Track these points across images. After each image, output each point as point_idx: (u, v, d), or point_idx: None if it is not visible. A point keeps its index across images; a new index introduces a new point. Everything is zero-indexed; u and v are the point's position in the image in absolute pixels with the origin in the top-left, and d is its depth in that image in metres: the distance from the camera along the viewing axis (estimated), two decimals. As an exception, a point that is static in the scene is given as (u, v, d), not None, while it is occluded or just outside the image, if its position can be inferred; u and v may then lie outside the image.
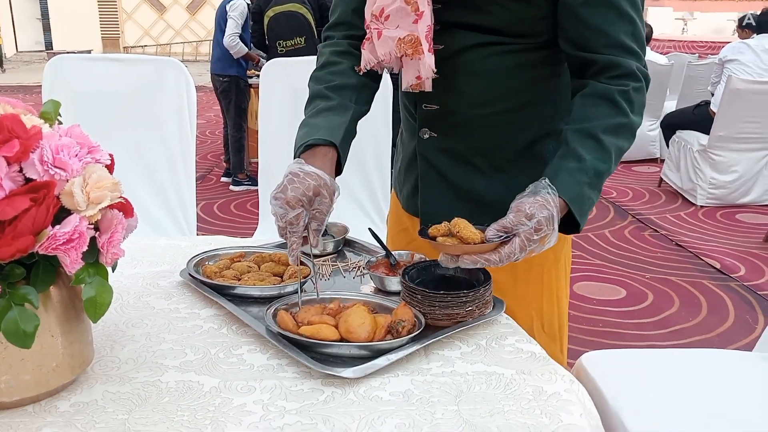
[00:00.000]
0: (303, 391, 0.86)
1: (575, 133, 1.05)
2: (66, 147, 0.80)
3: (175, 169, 2.14)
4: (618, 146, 1.06)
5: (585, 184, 1.02)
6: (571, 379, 0.89)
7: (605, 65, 1.06)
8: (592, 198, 1.04)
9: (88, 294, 0.81)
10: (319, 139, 1.09)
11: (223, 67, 5.03)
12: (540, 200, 0.98)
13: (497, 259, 0.97)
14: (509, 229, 0.97)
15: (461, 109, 1.17)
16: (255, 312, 1.06)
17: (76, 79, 2.06)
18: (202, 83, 5.43)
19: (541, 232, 0.97)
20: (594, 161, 1.03)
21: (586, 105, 1.07)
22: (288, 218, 1.00)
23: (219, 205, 4.84)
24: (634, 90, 1.05)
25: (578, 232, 1.06)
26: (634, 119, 1.07)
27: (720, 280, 3.47)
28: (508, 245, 0.97)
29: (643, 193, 5.18)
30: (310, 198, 1.02)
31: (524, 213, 0.97)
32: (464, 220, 1.01)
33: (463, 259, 0.98)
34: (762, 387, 1.39)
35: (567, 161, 1.04)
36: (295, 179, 1.01)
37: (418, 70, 1.11)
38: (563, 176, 1.03)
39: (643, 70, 1.07)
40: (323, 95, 1.18)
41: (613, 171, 1.07)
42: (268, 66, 2.23)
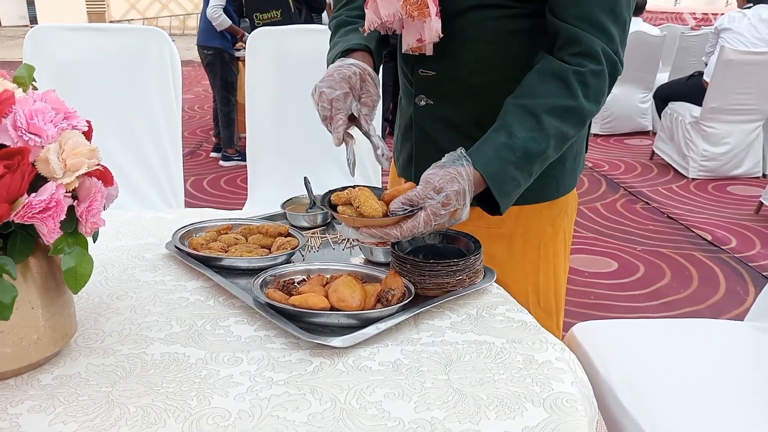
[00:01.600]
0: (291, 361, 0.85)
1: (516, 108, 0.99)
2: (40, 112, 0.77)
3: (161, 143, 2.10)
4: (561, 130, 0.98)
5: (510, 163, 0.96)
6: (563, 348, 0.88)
7: (567, 39, 0.99)
8: (518, 179, 0.98)
9: (68, 264, 0.79)
10: (355, 44, 1.09)
11: (207, 39, 4.94)
12: (452, 172, 0.92)
13: (398, 233, 0.91)
14: (415, 202, 0.91)
15: (458, 75, 1.13)
16: (242, 284, 1.04)
17: (57, 49, 2.01)
18: (190, 57, 5.36)
19: (449, 206, 0.91)
20: (527, 140, 0.96)
21: (536, 81, 1.00)
22: (335, 95, 0.98)
23: (209, 181, 4.80)
24: (592, 73, 0.98)
25: (500, 214, 1.00)
26: (585, 105, 0.99)
27: (711, 252, 3.48)
28: (411, 220, 0.91)
29: (635, 166, 5.17)
30: (357, 82, 1.01)
31: (432, 185, 0.91)
32: (367, 189, 0.95)
33: (363, 231, 0.93)
34: (752, 356, 1.39)
35: (497, 135, 0.98)
36: (340, 67, 1.01)
37: (420, 32, 1.07)
38: (487, 149, 0.97)
39: (609, 54, 0.99)
40: (347, 22, 1.18)
41: (552, 156, 1.00)
42: (255, 36, 2.18)
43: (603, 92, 1.01)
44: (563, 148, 1.03)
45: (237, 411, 0.74)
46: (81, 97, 1.97)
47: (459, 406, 0.75)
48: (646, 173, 4.99)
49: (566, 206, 1.24)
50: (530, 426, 0.72)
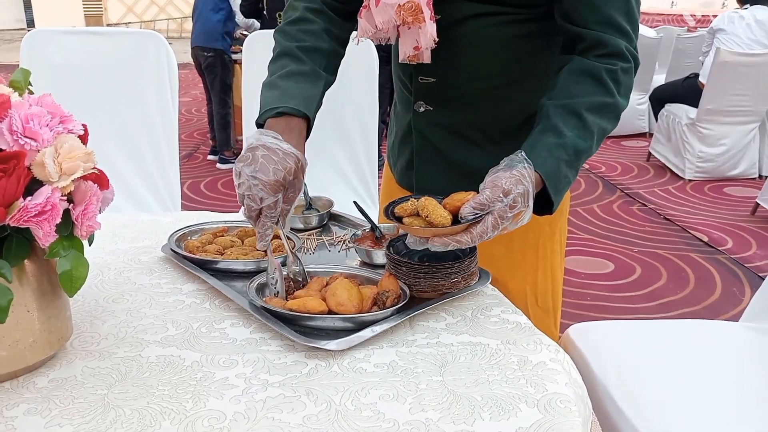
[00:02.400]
0: (286, 364, 0.85)
1: (557, 109, 1.00)
2: (36, 116, 0.77)
3: (158, 146, 2.10)
4: (601, 126, 1.01)
5: (563, 161, 0.98)
6: (557, 349, 0.89)
7: (593, 42, 1.02)
8: (569, 177, 1.00)
9: (64, 267, 0.79)
10: (293, 109, 1.02)
11: (207, 41, 4.93)
12: (516, 174, 0.92)
13: (469, 239, 0.90)
14: (485, 206, 0.90)
15: (459, 82, 1.13)
16: (238, 287, 1.04)
17: (54, 53, 2.01)
18: (187, 60, 5.34)
19: (516, 208, 0.91)
20: (575, 138, 0.98)
21: (571, 81, 1.02)
22: (268, 203, 0.93)
23: (206, 184, 4.80)
24: (623, 71, 1.02)
25: (550, 213, 1.01)
26: (620, 100, 1.03)
27: (707, 253, 3.49)
28: (480, 224, 0.90)
29: (631, 168, 5.18)
30: (290, 182, 0.95)
31: (501, 189, 0.91)
32: (432, 200, 0.94)
33: (433, 241, 0.91)
34: (748, 356, 1.40)
35: (546, 136, 0.99)
36: (275, 158, 0.93)
37: (416, 39, 1.07)
38: (540, 150, 0.98)
39: (632, 51, 1.03)
40: (294, 55, 1.10)
41: (594, 152, 1.03)
42: (252, 38, 2.18)
43: (631, 87, 1.05)
44: (601, 144, 1.05)
45: (232, 413, 0.75)
46: (78, 101, 1.97)
47: (453, 407, 0.76)
48: (643, 175, 5.00)
49: (563, 205, 1.25)
50: (524, 427, 0.72)
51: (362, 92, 2.15)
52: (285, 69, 1.08)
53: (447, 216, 0.91)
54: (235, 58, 5.08)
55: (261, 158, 0.93)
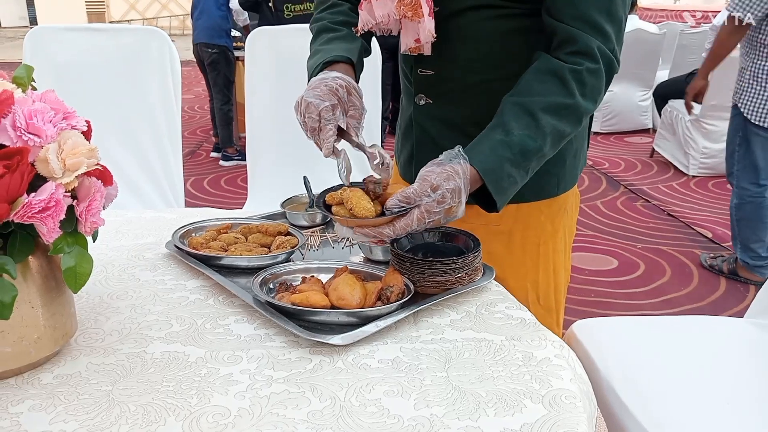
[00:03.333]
0: (290, 359, 0.85)
1: (513, 106, 1.00)
2: (40, 112, 0.77)
3: (161, 143, 2.11)
4: (556, 128, 0.99)
5: (506, 160, 0.96)
6: (561, 345, 0.89)
7: (565, 38, 1.00)
8: (514, 176, 0.98)
9: (68, 264, 0.79)
10: (337, 56, 1.07)
11: (211, 37, 4.93)
12: (448, 170, 0.93)
13: (391, 232, 0.92)
14: (411, 200, 0.91)
15: (456, 75, 1.13)
16: (242, 283, 1.04)
17: (57, 50, 2.02)
18: (190, 57, 5.34)
19: (444, 204, 0.92)
20: (523, 137, 0.97)
21: (534, 79, 1.01)
22: (324, 106, 0.97)
23: (209, 181, 4.80)
24: (588, 71, 0.99)
25: (496, 211, 1.01)
26: (582, 102, 1.00)
27: (711, 249, 3.48)
28: (404, 218, 0.91)
29: (635, 164, 5.17)
30: (344, 95, 1.00)
31: (429, 183, 0.91)
32: (359, 190, 0.95)
33: (356, 231, 0.94)
34: (752, 353, 1.39)
35: (494, 132, 0.99)
36: (324, 79, 0.99)
37: (417, 32, 1.08)
38: (483, 147, 0.97)
39: (606, 53, 1.00)
40: (330, 28, 1.17)
41: (549, 153, 1.01)
42: (254, 35, 2.18)
43: (600, 90, 1.02)
44: (560, 145, 1.03)
45: (237, 409, 0.75)
46: (81, 98, 1.97)
47: (458, 403, 0.76)
48: (647, 171, 4.99)
49: (566, 204, 1.24)
50: (529, 422, 0.72)
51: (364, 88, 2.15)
52: (323, 39, 1.15)
53: (370, 208, 0.93)
54: (237, 54, 5.08)
55: (312, 83, 1.00)
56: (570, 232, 1.29)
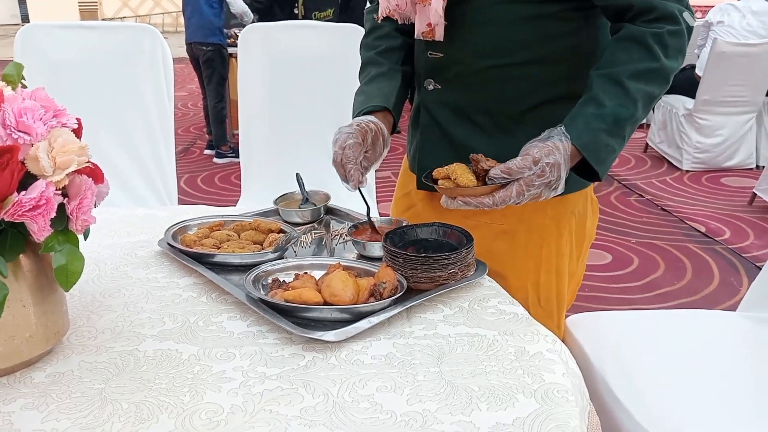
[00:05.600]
0: (284, 356, 0.85)
1: (600, 78, 1.03)
2: (30, 110, 0.77)
3: (154, 140, 2.10)
4: (646, 92, 1.02)
5: (602, 131, 1.00)
6: (554, 339, 0.89)
7: (642, 8, 1.01)
8: (612, 145, 1.02)
9: (59, 262, 0.79)
10: (375, 106, 1.18)
11: (206, 35, 4.91)
12: (549, 145, 0.98)
13: (491, 202, 0.98)
14: (513, 172, 0.97)
15: (466, 59, 1.13)
16: (235, 280, 1.04)
17: (49, 48, 2.01)
18: (183, 54, 5.32)
19: (544, 177, 0.97)
20: (615, 107, 1.00)
21: (616, 49, 1.04)
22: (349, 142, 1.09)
23: (203, 178, 4.79)
24: (669, 33, 1.01)
25: (600, 180, 1.06)
26: (667, 63, 1.02)
27: (705, 243, 3.49)
28: (504, 190, 0.97)
29: (629, 159, 5.18)
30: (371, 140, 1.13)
31: (531, 157, 0.97)
32: (462, 165, 1.03)
33: (458, 200, 1.00)
34: (745, 346, 1.40)
35: (587, 107, 1.02)
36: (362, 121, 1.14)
37: (428, 17, 1.10)
38: (578, 122, 1.01)
39: (684, 12, 1.02)
40: (374, 61, 1.27)
41: (642, 117, 1.04)
42: (247, 32, 2.18)
43: (682, 48, 1.04)
44: (652, 107, 1.06)
45: (230, 406, 0.75)
46: (73, 95, 1.97)
47: (451, 398, 0.76)
48: (640, 166, 5.00)
49: (574, 206, 1.22)
50: (521, 417, 0.72)
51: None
52: (368, 76, 1.26)
53: (473, 179, 1.01)
54: (230, 51, 5.07)
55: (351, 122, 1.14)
56: (580, 237, 1.27)
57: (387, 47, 1.27)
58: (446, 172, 1.03)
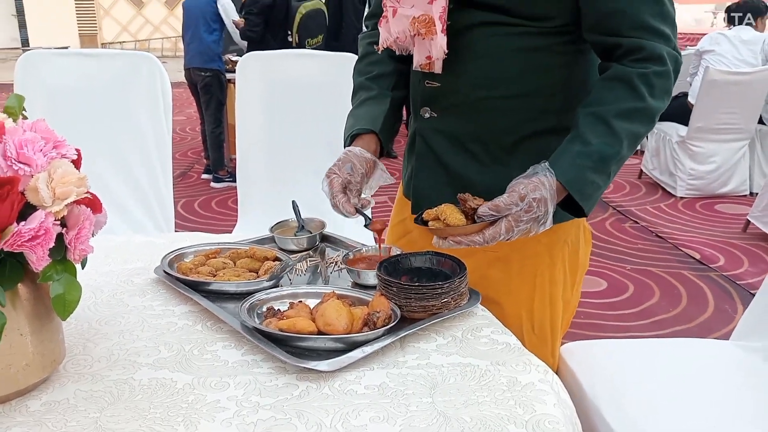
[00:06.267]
0: (278, 386, 0.85)
1: (586, 117, 1.05)
2: (30, 142, 0.79)
3: (151, 165, 2.12)
4: (631, 131, 1.04)
5: (587, 168, 1.02)
6: (546, 370, 0.90)
7: (629, 48, 1.04)
8: (597, 182, 1.03)
9: (57, 291, 0.80)
10: (361, 129, 1.22)
11: (204, 61, 4.97)
12: (535, 181, 1.00)
13: (481, 239, 0.99)
14: (501, 209, 0.98)
15: (462, 89, 1.15)
16: (230, 308, 1.05)
17: (48, 74, 2.03)
18: (182, 79, 5.38)
19: (531, 213, 0.98)
20: (601, 145, 1.02)
21: (603, 88, 1.06)
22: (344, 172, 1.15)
23: (200, 203, 4.81)
24: (655, 74, 1.03)
25: (585, 216, 1.07)
26: (653, 103, 1.04)
27: (699, 270, 3.51)
28: (493, 227, 0.99)
29: (623, 185, 5.22)
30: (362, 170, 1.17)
31: (518, 193, 0.98)
32: (451, 205, 1.05)
33: (450, 240, 1.01)
34: (738, 375, 1.40)
35: (573, 145, 1.04)
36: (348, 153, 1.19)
37: (428, 50, 1.12)
38: (564, 159, 1.03)
39: (672, 53, 1.04)
40: (365, 86, 1.30)
41: (628, 155, 1.06)
42: (245, 60, 2.21)
43: (668, 89, 1.06)
44: (637, 145, 1.08)
45: (223, 436, 0.75)
46: (72, 121, 1.99)
47: (443, 428, 0.76)
48: (635, 192, 5.03)
49: (566, 235, 1.23)
50: (513, 448, 0.73)
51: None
52: (358, 100, 1.30)
53: (462, 219, 1.03)
54: (229, 77, 5.13)
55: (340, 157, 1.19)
56: (573, 267, 1.27)
57: (378, 73, 1.30)
58: (436, 213, 1.05)
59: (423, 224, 1.07)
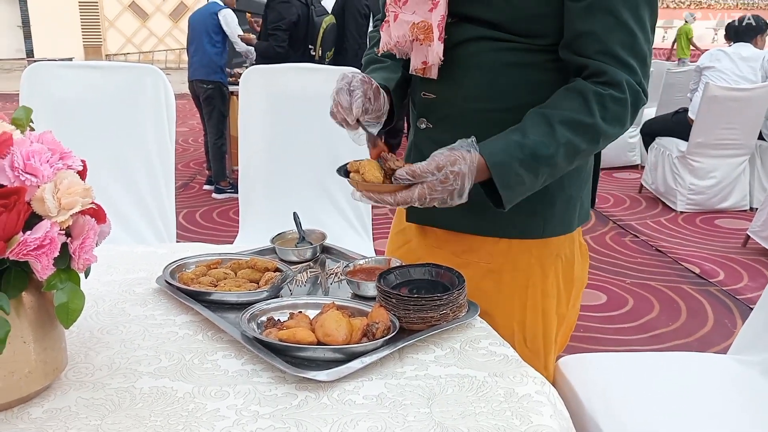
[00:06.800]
0: (277, 395, 0.86)
1: (534, 115, 1.06)
2: (37, 153, 0.80)
3: (154, 177, 2.13)
4: (571, 141, 1.04)
5: (516, 159, 1.02)
6: (543, 381, 0.91)
7: (594, 71, 1.06)
8: (522, 176, 1.03)
9: (60, 300, 0.81)
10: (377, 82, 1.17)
11: (207, 74, 5.03)
12: (456, 154, 1.00)
13: (392, 200, 1.01)
14: (417, 175, 0.99)
15: (457, 101, 1.17)
16: (231, 318, 1.06)
17: (54, 86, 2.05)
18: (185, 90, 5.42)
19: (447, 184, 0.99)
20: (537, 143, 1.03)
21: (559, 95, 1.08)
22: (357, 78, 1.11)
23: (201, 213, 4.82)
24: (612, 98, 1.04)
25: (503, 208, 1.06)
26: (602, 124, 1.05)
27: (699, 284, 3.51)
28: (406, 191, 1.00)
29: (624, 199, 5.24)
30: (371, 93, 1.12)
31: (436, 163, 0.99)
32: (374, 161, 1.06)
33: (363, 194, 1.03)
34: (735, 390, 1.41)
35: (511, 134, 1.05)
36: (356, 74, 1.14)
37: (425, 55, 1.15)
38: (497, 143, 1.04)
39: (632, 84, 1.05)
40: (376, 60, 1.31)
41: (562, 165, 1.06)
42: (248, 73, 2.23)
43: (621, 118, 1.07)
44: (575, 160, 1.08)
45: (223, 444, 0.76)
46: (77, 133, 2.01)
47: (440, 438, 0.77)
48: (635, 206, 5.05)
49: (559, 250, 1.24)
50: (509, 458, 0.74)
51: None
52: (368, 70, 1.30)
53: (379, 177, 1.04)
54: (231, 89, 5.17)
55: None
56: (568, 281, 1.27)
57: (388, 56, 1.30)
58: (357, 166, 1.07)
59: (345, 175, 1.08)
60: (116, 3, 18.29)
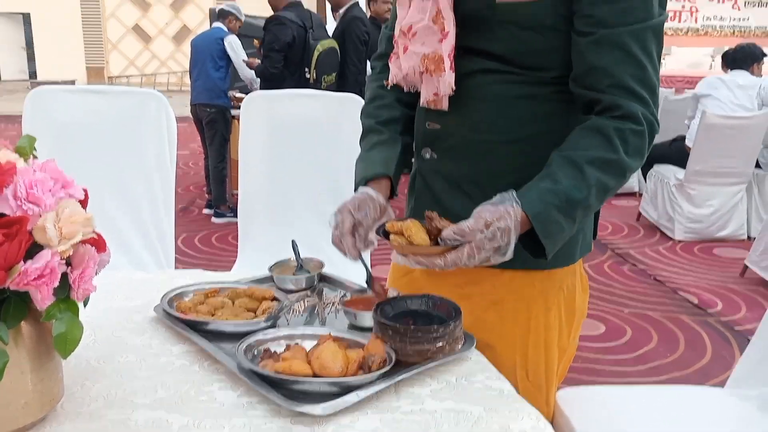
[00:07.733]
0: (272, 429, 0.86)
1: (559, 159, 1.06)
2: (40, 182, 0.81)
3: (154, 202, 2.14)
4: (601, 181, 1.05)
5: (553, 206, 1.02)
6: (538, 417, 0.90)
7: (608, 105, 1.06)
8: (561, 223, 1.04)
9: (59, 330, 0.81)
10: (376, 174, 1.22)
11: (211, 98, 5.07)
12: (501, 210, 1.00)
13: (442, 263, 1.00)
14: (465, 234, 0.99)
15: (462, 132, 1.18)
16: (228, 348, 1.06)
17: (57, 110, 2.07)
18: (187, 113, 5.45)
19: (494, 241, 0.99)
20: (570, 188, 1.03)
21: (580, 135, 1.08)
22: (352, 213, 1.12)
23: (200, 238, 4.82)
24: (632, 132, 1.05)
25: (546, 258, 1.06)
26: (626, 159, 1.06)
27: (697, 315, 3.51)
28: (455, 252, 0.99)
29: (622, 227, 5.24)
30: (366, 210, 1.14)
31: (483, 220, 0.99)
32: (417, 222, 1.06)
33: (410, 258, 1.03)
34: (732, 423, 1.41)
35: (542, 182, 1.05)
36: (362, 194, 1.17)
37: (436, 86, 1.16)
38: (532, 193, 1.04)
39: (648, 117, 1.06)
40: (375, 130, 1.31)
41: (595, 205, 1.07)
42: (250, 98, 2.25)
43: (642, 150, 1.08)
44: (605, 198, 1.09)
45: (217, 478, 0.76)
46: (78, 156, 2.03)
47: (435, 475, 0.77)
48: (634, 234, 5.06)
49: (561, 281, 1.24)
50: (504, 496, 0.74)
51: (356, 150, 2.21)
52: (370, 143, 1.30)
53: (426, 238, 1.03)
54: (233, 113, 5.21)
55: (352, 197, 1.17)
56: (569, 313, 1.27)
57: (388, 117, 1.31)
58: (400, 227, 1.05)
59: (385, 237, 1.07)
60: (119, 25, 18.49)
